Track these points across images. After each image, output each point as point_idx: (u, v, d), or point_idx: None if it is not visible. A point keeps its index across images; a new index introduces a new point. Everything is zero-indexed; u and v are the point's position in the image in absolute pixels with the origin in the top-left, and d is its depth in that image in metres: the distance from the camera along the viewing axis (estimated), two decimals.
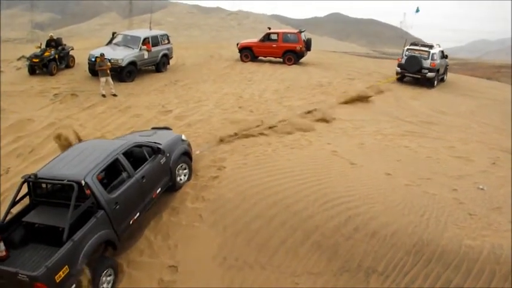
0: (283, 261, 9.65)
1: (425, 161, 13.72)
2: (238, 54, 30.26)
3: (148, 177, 10.69)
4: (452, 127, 18.10)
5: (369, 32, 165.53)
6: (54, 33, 28.26)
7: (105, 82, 19.98)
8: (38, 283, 7.84)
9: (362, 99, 20.33)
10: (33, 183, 9.79)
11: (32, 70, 22.64)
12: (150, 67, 24.57)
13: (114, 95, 19.86)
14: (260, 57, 30.21)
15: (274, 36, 30.10)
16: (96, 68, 20.39)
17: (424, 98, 23.39)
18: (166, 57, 25.48)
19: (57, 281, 8.11)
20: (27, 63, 22.74)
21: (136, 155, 11.00)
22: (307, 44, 30.25)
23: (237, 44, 30.96)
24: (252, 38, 32.76)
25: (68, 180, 9.18)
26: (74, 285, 8.38)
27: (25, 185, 9.73)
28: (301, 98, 20.50)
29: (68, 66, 24.00)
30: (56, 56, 23.12)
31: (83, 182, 9.11)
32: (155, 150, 11.18)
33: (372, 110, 19.51)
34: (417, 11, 31.81)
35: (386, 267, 9.18)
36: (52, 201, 9.74)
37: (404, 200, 10.90)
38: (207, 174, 12.53)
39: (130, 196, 10.06)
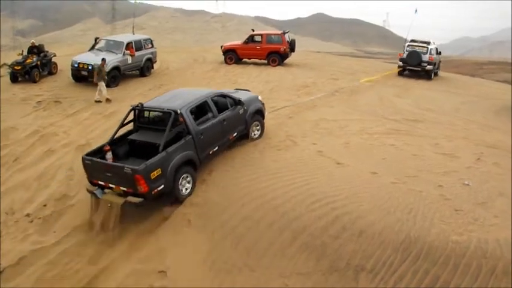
0: (272, 262, 9.67)
1: (410, 158, 13.79)
2: (223, 56, 30.34)
3: (228, 121, 13.44)
4: (437, 124, 18.22)
5: (352, 32, 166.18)
6: (36, 40, 28.05)
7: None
8: (137, 175, 10.63)
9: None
10: (139, 111, 12.94)
11: (14, 78, 22.45)
12: (134, 72, 24.52)
13: (100, 101, 19.90)
14: (244, 59, 30.28)
15: (258, 38, 30.22)
16: (95, 74, 20.25)
17: (408, 96, 23.56)
18: (150, 61, 25.45)
19: (151, 178, 10.82)
20: (9, 70, 22.53)
21: (221, 103, 13.63)
22: (291, 45, 30.39)
23: (221, 47, 31.06)
24: (236, 40, 32.86)
25: (167, 109, 12.16)
26: (162, 186, 11.11)
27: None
28: (287, 99, 20.58)
29: (50, 73, 23.88)
30: (38, 63, 22.96)
31: (179, 111, 11.98)
32: (236, 102, 14.02)
33: (356, 109, 19.62)
34: (415, 11, 32.89)
35: (374, 265, 9.23)
36: (151, 127, 12.81)
37: (390, 198, 10.96)
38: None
39: (212, 132, 12.74)
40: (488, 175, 12.87)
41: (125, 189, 11.12)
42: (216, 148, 13.01)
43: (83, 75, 22.30)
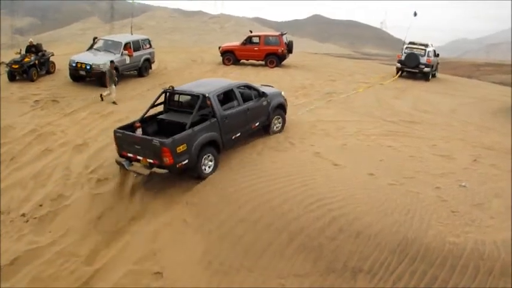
0: (270, 263, 9.63)
1: (408, 160, 13.76)
2: (221, 57, 30.30)
3: (252, 110, 14.41)
4: (434, 126, 18.21)
5: (349, 33, 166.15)
6: (35, 39, 27.89)
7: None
8: (164, 147, 11.60)
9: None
10: (170, 93, 14.14)
11: (12, 76, 22.31)
12: (132, 72, 24.43)
13: (101, 100, 19.99)
14: (242, 61, 30.25)
15: (256, 39, 30.20)
16: (107, 77, 20.24)
17: (405, 98, 23.55)
18: (148, 61, 25.35)
19: (177, 151, 11.78)
20: (7, 69, 22.36)
21: (246, 94, 14.64)
22: (289, 47, 30.38)
23: (219, 48, 31.05)
24: (234, 41, 32.81)
25: (196, 93, 13.26)
26: (186, 160, 12.03)
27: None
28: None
29: (48, 72, 23.74)
30: (36, 62, 22.82)
31: (207, 95, 13.03)
32: (260, 94, 15.00)
33: (353, 111, 19.59)
34: (415, 14, 33.11)
35: (372, 266, 9.19)
36: (180, 110, 13.92)
37: (388, 199, 10.92)
38: (191, 179, 12.68)
39: (236, 118, 13.71)
40: (485, 176, 12.85)
41: (151, 161, 12.07)
42: (239, 134, 13.96)
43: (80, 75, 22.18)
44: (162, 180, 12.81)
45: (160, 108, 14.35)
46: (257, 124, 14.86)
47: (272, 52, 29.63)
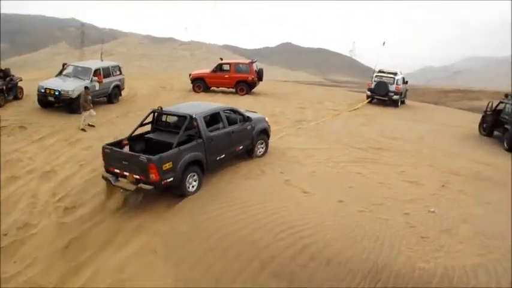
0: None
1: (377, 186, 13.88)
2: (191, 84, 30.31)
3: (236, 133, 14.99)
4: (402, 152, 18.44)
5: (319, 61, 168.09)
6: (3, 64, 27.59)
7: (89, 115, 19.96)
8: (151, 163, 12.08)
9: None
10: (158, 114, 14.69)
11: None
12: (101, 98, 24.25)
13: (91, 125, 20.03)
14: (213, 88, 30.32)
15: (226, 67, 30.35)
16: (81, 104, 20.03)
17: (374, 125, 23.81)
18: (118, 88, 25.25)
19: (163, 169, 12.24)
20: None
21: (231, 117, 15.30)
22: (259, 74, 30.55)
23: (190, 75, 31.08)
24: (205, 69, 32.90)
25: (183, 114, 13.89)
26: (172, 178, 12.46)
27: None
28: None
29: (16, 98, 23.40)
30: (4, 87, 22.50)
31: (194, 116, 13.58)
32: (245, 118, 15.61)
33: (323, 139, 19.72)
34: (383, 44, 33.91)
35: None
36: (167, 130, 14.49)
37: (357, 226, 10.96)
38: (161, 207, 12.69)
39: (221, 140, 14.24)
40: (453, 202, 13.04)
41: (137, 177, 12.47)
42: (223, 156, 14.46)
43: (49, 101, 21.92)
44: (133, 207, 12.70)
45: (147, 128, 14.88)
46: (241, 147, 15.42)
47: (242, 80, 29.82)
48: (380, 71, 31.72)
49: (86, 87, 20.48)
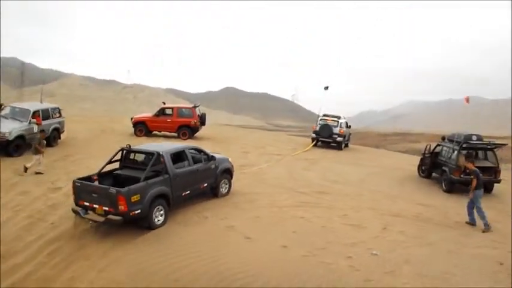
0: None
1: (320, 230, 13.89)
2: (133, 128, 30.07)
3: (201, 171, 15.90)
4: (344, 196, 18.63)
5: (262, 106, 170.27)
6: None
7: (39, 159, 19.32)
8: (120, 195, 12.71)
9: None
10: (126, 151, 15.58)
11: None
12: None
13: (38, 173, 19.10)
14: (155, 132, 30.16)
15: (168, 111, 30.41)
16: (35, 146, 19.45)
17: (316, 169, 24.09)
18: (58, 131, 24.74)
19: (132, 200, 12.91)
20: None
21: (196, 157, 16.19)
22: (202, 119, 30.69)
23: (131, 119, 30.88)
24: (147, 113, 32.78)
25: (151, 151, 14.87)
26: (139, 210, 13.08)
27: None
28: None
29: None
30: None
31: (161, 153, 14.47)
32: (209, 157, 16.56)
33: (266, 183, 19.76)
34: (326, 88, 35.06)
35: None
36: (134, 166, 15.30)
37: (300, 272, 10.86)
38: (96, 256, 12.27)
39: (186, 177, 15.09)
40: (395, 243, 13.17)
41: (106, 208, 13.04)
42: (188, 192, 15.24)
43: None
44: (65, 257, 12.24)
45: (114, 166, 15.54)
46: (205, 185, 16.25)
47: (185, 124, 29.86)
48: (324, 115, 33.20)
49: (42, 130, 20.13)
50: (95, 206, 13.32)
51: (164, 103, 31.88)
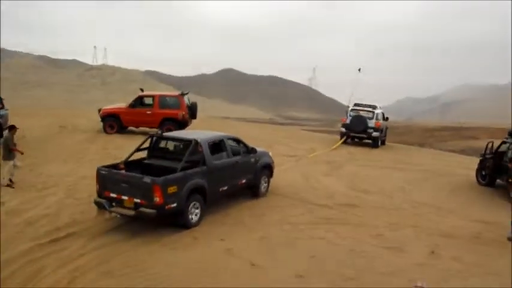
0: None
1: (347, 255, 13.76)
2: (101, 123, 29.87)
3: (240, 165, 17.52)
4: (378, 209, 18.57)
5: (271, 93, 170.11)
6: None
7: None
8: (156, 185, 13.96)
9: None
10: (157, 139, 17.30)
11: None
12: None
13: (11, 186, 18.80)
14: (131, 128, 30.03)
15: (148, 100, 30.17)
16: (11, 146, 18.76)
17: (341, 175, 24.02)
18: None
19: (168, 192, 14.18)
20: None
21: (234, 148, 17.80)
22: (192, 110, 30.46)
23: (99, 111, 30.61)
24: (120, 103, 32.59)
25: (188, 138, 16.56)
26: (175, 204, 14.43)
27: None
28: None
29: None
30: None
31: (199, 141, 15.99)
32: (249, 149, 18.20)
33: (275, 193, 19.68)
34: (359, 70, 35.17)
35: None
36: (165, 156, 16.92)
37: None
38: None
39: (225, 170, 16.67)
40: (447, 273, 13.00)
41: (138, 200, 14.29)
42: (226, 188, 16.81)
43: None
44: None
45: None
46: (244, 181, 17.86)
47: (170, 117, 29.66)
48: (356, 105, 33.27)
49: (12, 126, 19.32)
50: (123, 197, 14.56)
51: (142, 90, 31.66)
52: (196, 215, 15.27)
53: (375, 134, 32.10)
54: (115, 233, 14.58)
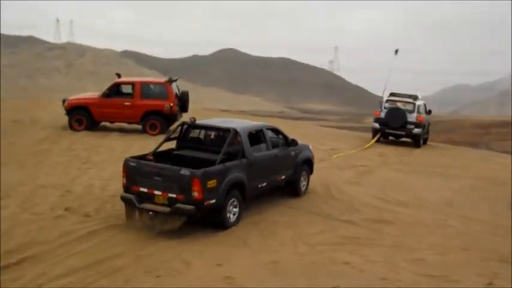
0: None
1: (378, 285, 13.70)
2: (66, 117, 29.80)
3: (279, 158, 19.09)
4: (418, 227, 18.51)
5: (281, 79, 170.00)
6: None
7: None
8: (196, 178, 15.20)
9: None
10: (188, 127, 18.72)
11: None
12: None
13: None
14: (104, 123, 29.99)
15: (127, 89, 30.19)
16: None
17: (369, 182, 23.98)
18: None
19: (208, 186, 15.41)
20: None
21: (273, 140, 19.34)
22: (182, 101, 30.47)
23: (64, 101, 30.44)
24: (91, 92, 32.55)
25: (226, 127, 17.94)
26: (214, 200, 15.71)
27: None
28: None
29: None
30: None
31: (238, 130, 17.42)
32: (288, 142, 19.74)
33: (286, 205, 19.66)
34: (396, 52, 35.33)
35: None
36: (197, 147, 18.37)
37: None
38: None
39: (264, 163, 18.15)
40: None
41: (174, 195, 15.54)
42: (265, 184, 18.42)
43: None
44: None
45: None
46: (283, 177, 19.57)
47: (154, 109, 29.71)
48: (392, 94, 33.01)
49: None
50: (156, 192, 15.78)
51: (119, 75, 31.53)
52: (234, 214, 16.66)
53: (416, 130, 32.11)
54: (84, 256, 14.26)
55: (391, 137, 33.15)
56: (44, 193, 19.18)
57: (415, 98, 33.29)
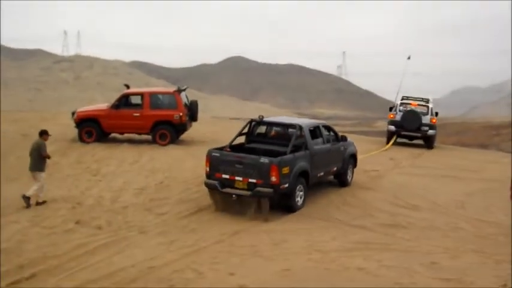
0: None
1: None
2: (75, 130, 29.78)
3: (332, 152, 22.33)
4: (431, 230, 18.47)
5: (290, 85, 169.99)
6: None
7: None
8: (274, 165, 18.18)
9: None
10: (256, 123, 21.91)
11: None
12: None
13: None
14: (114, 135, 29.96)
15: (136, 99, 30.17)
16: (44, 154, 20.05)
17: (381, 185, 23.98)
18: None
19: (283, 172, 18.42)
20: None
21: (326, 136, 22.32)
22: (192, 110, 30.40)
23: (73, 114, 30.49)
24: (100, 103, 32.52)
25: (291, 123, 21.33)
26: (287, 184, 18.72)
27: None
28: (183, 201, 20.32)
29: None
30: None
31: (302, 125, 20.75)
32: (338, 138, 23.10)
33: (298, 212, 19.72)
34: (408, 58, 35.89)
35: None
36: (264, 141, 21.60)
37: None
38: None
39: (322, 155, 21.31)
40: None
41: (254, 181, 18.51)
42: (322, 173, 21.63)
43: None
44: None
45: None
46: (335, 169, 22.73)
47: (164, 120, 29.63)
48: (405, 98, 34.63)
49: (44, 132, 20.74)
50: (237, 178, 18.73)
51: (128, 86, 31.54)
52: (300, 197, 19.67)
53: (430, 132, 32.94)
54: (96, 269, 14.25)
55: (403, 139, 33.63)
56: (55, 206, 19.19)
57: (427, 100, 34.04)
